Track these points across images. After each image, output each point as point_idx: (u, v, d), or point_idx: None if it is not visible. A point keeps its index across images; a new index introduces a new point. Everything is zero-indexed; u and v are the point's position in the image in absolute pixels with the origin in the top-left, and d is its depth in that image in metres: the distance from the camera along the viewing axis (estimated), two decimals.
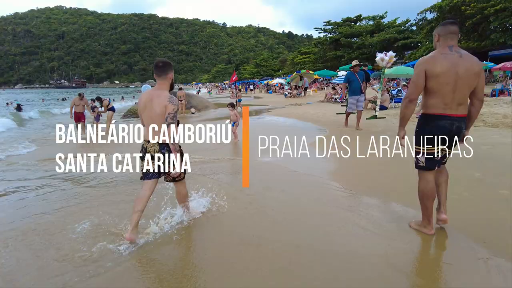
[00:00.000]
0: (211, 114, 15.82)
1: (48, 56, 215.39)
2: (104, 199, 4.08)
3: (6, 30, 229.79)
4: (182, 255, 2.83)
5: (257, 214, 3.43)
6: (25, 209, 3.86)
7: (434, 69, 2.58)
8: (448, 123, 2.63)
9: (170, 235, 3.01)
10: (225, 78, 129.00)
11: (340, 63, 48.36)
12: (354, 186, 4.25)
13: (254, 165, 4.97)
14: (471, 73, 2.57)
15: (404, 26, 45.00)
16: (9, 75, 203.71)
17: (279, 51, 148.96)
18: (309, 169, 5.13)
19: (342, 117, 9.38)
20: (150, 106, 2.90)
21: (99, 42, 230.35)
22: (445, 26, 2.68)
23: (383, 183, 4.34)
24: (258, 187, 4.18)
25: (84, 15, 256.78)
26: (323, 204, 3.71)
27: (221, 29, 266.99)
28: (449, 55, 2.59)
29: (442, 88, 2.59)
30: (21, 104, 25.07)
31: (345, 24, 52.78)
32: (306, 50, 66.47)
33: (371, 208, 3.51)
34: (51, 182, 4.99)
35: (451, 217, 2.93)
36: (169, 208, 3.35)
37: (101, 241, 2.83)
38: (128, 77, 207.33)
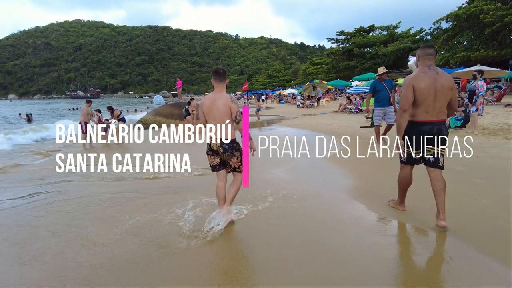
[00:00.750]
0: None
1: (65, 68, 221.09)
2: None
3: (27, 43, 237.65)
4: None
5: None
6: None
7: (419, 85, 3.21)
8: (429, 127, 3.27)
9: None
10: (237, 89, 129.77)
11: (353, 73, 47.87)
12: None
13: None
14: (446, 87, 3.21)
15: (419, 35, 44.39)
16: (28, 86, 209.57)
17: (291, 61, 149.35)
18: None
19: (360, 128, 8.90)
20: (214, 107, 3.42)
21: (115, 53, 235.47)
22: (423, 49, 3.34)
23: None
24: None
25: (100, 28, 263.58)
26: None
27: (233, 41, 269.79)
28: (429, 73, 3.22)
29: (425, 99, 3.22)
30: (29, 114, 25.02)
31: (357, 34, 52.45)
32: (318, 61, 66.28)
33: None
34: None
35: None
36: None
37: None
38: (142, 87, 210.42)
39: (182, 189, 4.87)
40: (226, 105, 3.38)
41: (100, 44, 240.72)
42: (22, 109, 37.34)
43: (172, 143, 5.57)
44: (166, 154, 5.15)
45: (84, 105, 11.16)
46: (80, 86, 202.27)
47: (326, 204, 4.15)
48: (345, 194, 4.44)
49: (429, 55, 3.29)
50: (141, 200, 4.41)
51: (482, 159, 5.89)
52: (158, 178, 5.60)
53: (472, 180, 4.83)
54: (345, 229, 3.40)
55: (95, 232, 3.39)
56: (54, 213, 4.05)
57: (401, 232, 3.37)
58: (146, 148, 7.08)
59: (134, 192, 4.78)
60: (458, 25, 28.04)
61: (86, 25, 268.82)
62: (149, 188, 4.99)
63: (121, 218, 3.73)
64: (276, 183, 4.96)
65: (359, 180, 5.13)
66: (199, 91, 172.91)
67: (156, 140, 5.22)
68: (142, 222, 3.61)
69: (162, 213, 3.84)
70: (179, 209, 3.92)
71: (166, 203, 4.20)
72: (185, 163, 4.66)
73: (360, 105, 15.77)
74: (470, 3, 27.60)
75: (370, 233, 3.22)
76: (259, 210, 3.88)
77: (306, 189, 4.64)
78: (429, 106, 3.23)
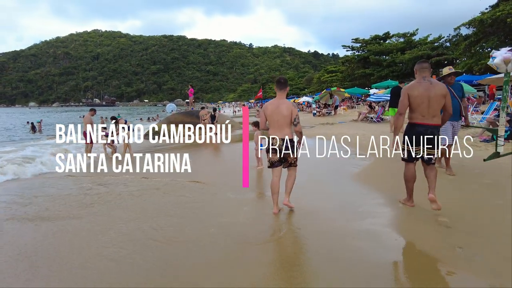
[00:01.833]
0: (235, 134, 14.93)
1: (83, 76, 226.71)
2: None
3: (48, 52, 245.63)
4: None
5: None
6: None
7: (413, 93, 3.80)
8: (423, 129, 3.80)
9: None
10: (250, 97, 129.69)
11: (369, 81, 46.78)
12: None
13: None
14: (439, 95, 3.76)
15: (437, 42, 43.08)
16: (48, 94, 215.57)
17: (304, 70, 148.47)
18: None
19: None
20: (277, 111, 4.01)
21: (131, 62, 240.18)
22: (420, 64, 3.94)
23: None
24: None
25: (117, 37, 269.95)
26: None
27: (247, 50, 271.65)
28: (423, 83, 3.81)
29: (419, 105, 3.79)
30: (34, 123, 23.05)
31: (373, 41, 51.41)
32: (333, 69, 65.43)
33: None
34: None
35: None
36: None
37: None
38: (157, 96, 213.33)
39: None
40: (289, 110, 4.01)
41: (117, 53, 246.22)
42: (33, 117, 37.51)
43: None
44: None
45: (87, 114, 10.67)
46: (96, 94, 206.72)
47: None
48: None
49: (424, 69, 3.90)
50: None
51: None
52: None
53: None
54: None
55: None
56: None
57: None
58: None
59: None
60: (481, 31, 26.80)
61: (104, 35, 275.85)
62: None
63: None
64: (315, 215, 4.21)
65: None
66: (212, 99, 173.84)
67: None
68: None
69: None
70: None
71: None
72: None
73: (382, 114, 14.88)
74: (495, 7, 26.38)
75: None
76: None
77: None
78: (424, 110, 3.81)
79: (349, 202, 4.53)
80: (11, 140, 17.85)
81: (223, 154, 10.30)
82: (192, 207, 4.63)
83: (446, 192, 4.45)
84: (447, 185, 4.90)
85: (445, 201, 3.95)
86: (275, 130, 4.06)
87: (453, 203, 4.18)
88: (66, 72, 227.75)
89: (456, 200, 4.34)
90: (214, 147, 11.36)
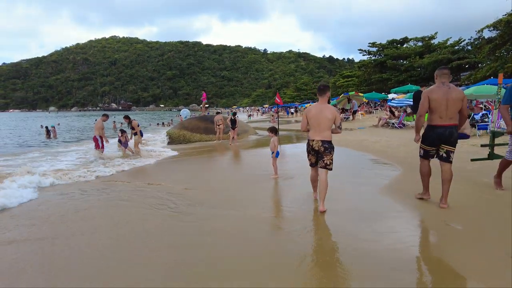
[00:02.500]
0: (250, 141, 14.48)
1: (101, 81, 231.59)
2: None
3: (68, 59, 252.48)
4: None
5: None
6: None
7: (433, 96, 4.23)
8: (442, 130, 4.24)
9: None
10: (264, 102, 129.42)
11: (386, 86, 45.77)
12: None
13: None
14: (456, 99, 4.17)
15: (458, 45, 41.75)
16: (67, 99, 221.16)
17: (319, 75, 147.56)
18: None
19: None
20: (320, 115, 4.31)
21: (147, 68, 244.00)
22: (440, 70, 4.34)
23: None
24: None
25: (135, 43, 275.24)
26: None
27: (262, 55, 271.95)
28: (442, 88, 4.23)
29: (438, 108, 4.22)
30: (49, 127, 22.31)
31: (390, 46, 50.36)
32: (349, 74, 64.49)
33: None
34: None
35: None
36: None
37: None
38: (172, 101, 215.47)
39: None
40: (333, 114, 4.35)
41: (134, 59, 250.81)
42: (49, 122, 38.07)
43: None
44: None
45: (99, 119, 10.57)
46: (113, 99, 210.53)
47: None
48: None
49: (444, 74, 4.25)
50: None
51: None
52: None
53: None
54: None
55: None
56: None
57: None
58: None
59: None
60: (507, 33, 25.67)
61: (121, 41, 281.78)
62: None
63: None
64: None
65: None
66: (227, 105, 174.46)
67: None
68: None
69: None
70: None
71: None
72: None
73: (403, 119, 14.18)
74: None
75: None
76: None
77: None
78: (442, 113, 4.16)
79: (382, 226, 3.93)
80: (19, 146, 17.06)
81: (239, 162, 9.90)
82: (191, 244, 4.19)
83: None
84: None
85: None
86: (316, 132, 4.39)
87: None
88: (85, 78, 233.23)
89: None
90: (233, 153, 10.96)
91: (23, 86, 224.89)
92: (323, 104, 4.43)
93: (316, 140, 4.35)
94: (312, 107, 4.53)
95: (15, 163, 9.60)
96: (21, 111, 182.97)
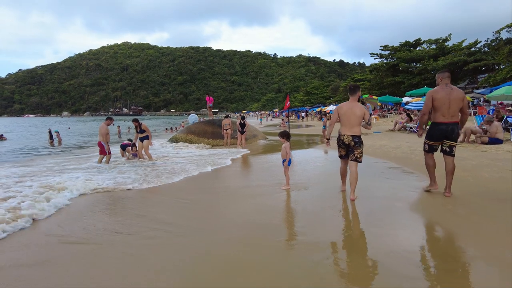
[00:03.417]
0: (259, 146, 13.77)
1: (113, 87, 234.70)
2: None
3: (81, 64, 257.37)
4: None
5: None
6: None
7: (436, 96, 4.70)
8: (445, 126, 4.71)
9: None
10: (274, 106, 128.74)
11: (398, 89, 44.69)
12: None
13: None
14: (458, 99, 4.64)
15: (474, 47, 40.45)
16: (80, 104, 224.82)
17: (330, 79, 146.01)
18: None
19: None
20: (351, 112, 4.82)
21: (158, 73, 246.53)
22: (443, 73, 4.78)
23: None
24: None
25: (146, 49, 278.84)
26: None
27: (271, 60, 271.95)
28: (445, 89, 4.70)
29: (441, 106, 4.69)
30: (52, 131, 20.92)
31: (403, 48, 49.20)
32: (360, 77, 63.43)
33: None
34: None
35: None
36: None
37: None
38: (183, 106, 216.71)
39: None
40: (362, 112, 4.79)
41: (145, 64, 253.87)
42: (61, 127, 37.84)
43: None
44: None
45: (102, 123, 9.82)
46: (125, 104, 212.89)
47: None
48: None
49: (446, 78, 4.72)
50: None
51: None
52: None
53: None
54: None
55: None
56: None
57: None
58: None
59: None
60: None
61: (133, 47, 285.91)
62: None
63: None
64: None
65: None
66: (237, 109, 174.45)
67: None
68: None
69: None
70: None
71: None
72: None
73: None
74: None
75: None
76: None
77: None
78: (444, 111, 4.67)
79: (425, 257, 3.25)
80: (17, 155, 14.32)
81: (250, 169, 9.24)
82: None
83: None
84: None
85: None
86: (347, 128, 4.86)
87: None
88: (97, 83, 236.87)
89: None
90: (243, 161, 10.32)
91: (38, 92, 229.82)
92: (353, 102, 4.89)
93: (347, 135, 4.84)
94: (343, 104, 4.96)
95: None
96: (35, 116, 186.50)
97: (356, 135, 4.80)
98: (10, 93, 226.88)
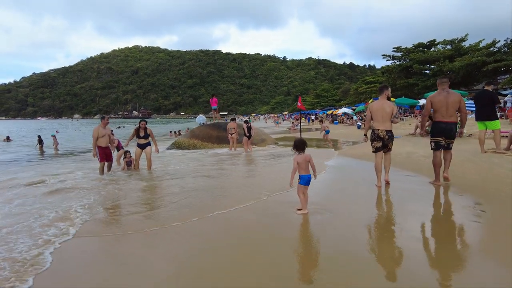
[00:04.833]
0: (265, 153, 12.49)
1: (123, 90, 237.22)
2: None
3: (93, 68, 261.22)
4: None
5: None
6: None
7: (434, 100, 5.51)
8: (444, 125, 5.47)
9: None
10: (283, 109, 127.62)
11: (412, 92, 43.12)
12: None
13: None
14: (455, 101, 5.40)
15: (493, 47, 38.70)
16: (91, 106, 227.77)
17: (340, 81, 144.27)
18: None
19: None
20: (382, 108, 5.54)
21: (168, 76, 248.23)
22: (440, 79, 5.59)
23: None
24: None
25: (156, 52, 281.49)
26: None
27: (281, 63, 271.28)
28: (442, 93, 5.48)
29: (439, 108, 5.46)
30: (53, 136, 19.52)
31: (416, 50, 47.59)
32: (371, 79, 61.91)
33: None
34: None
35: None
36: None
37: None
38: (192, 108, 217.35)
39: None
40: (391, 108, 5.57)
41: (155, 67, 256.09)
42: (60, 128, 36.74)
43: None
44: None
45: (95, 126, 8.40)
46: (135, 106, 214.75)
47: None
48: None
49: (444, 83, 5.54)
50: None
51: None
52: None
53: None
54: None
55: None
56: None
57: None
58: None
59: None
60: None
61: (144, 50, 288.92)
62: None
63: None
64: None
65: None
66: (246, 112, 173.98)
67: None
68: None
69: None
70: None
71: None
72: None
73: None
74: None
75: None
76: None
77: None
78: (443, 112, 5.44)
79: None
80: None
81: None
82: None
83: None
84: None
85: None
86: (380, 123, 5.56)
87: None
88: (108, 86, 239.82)
89: None
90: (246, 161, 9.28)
91: (50, 95, 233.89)
92: (383, 100, 5.64)
93: (381, 130, 5.53)
94: (374, 103, 5.71)
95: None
96: (48, 118, 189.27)
97: (389, 129, 5.54)
98: (24, 96, 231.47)
